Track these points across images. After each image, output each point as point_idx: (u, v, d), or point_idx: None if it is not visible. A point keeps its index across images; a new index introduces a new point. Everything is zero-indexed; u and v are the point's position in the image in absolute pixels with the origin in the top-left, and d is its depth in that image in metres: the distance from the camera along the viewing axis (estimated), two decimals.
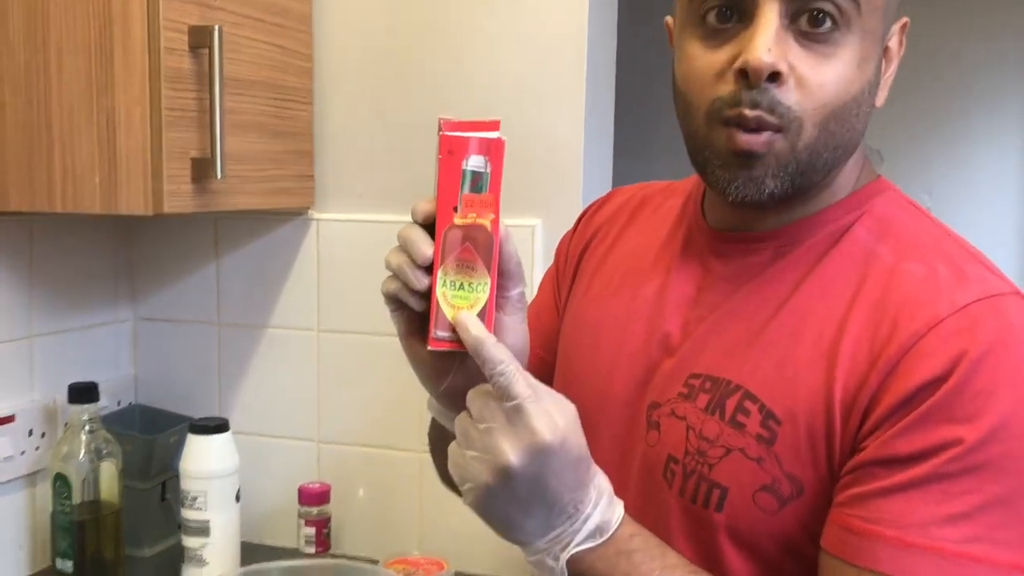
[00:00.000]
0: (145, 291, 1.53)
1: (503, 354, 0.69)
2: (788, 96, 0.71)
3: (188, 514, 1.27)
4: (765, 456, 0.73)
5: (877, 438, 0.69)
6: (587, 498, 0.71)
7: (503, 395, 0.69)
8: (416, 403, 1.40)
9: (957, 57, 2.55)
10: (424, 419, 1.40)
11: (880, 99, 0.78)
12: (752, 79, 0.70)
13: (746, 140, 0.72)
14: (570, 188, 1.32)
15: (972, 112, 2.57)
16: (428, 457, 0.98)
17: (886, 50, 0.77)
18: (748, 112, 0.71)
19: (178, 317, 1.52)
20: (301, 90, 1.36)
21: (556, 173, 1.32)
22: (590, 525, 0.71)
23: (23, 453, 1.31)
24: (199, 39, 1.11)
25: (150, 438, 1.39)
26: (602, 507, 0.72)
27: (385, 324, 1.42)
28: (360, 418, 1.44)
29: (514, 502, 0.70)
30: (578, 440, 0.71)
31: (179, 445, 1.36)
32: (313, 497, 1.38)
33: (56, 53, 1.10)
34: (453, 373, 0.79)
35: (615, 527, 0.72)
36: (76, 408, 1.27)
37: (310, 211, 1.44)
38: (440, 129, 0.72)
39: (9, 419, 1.28)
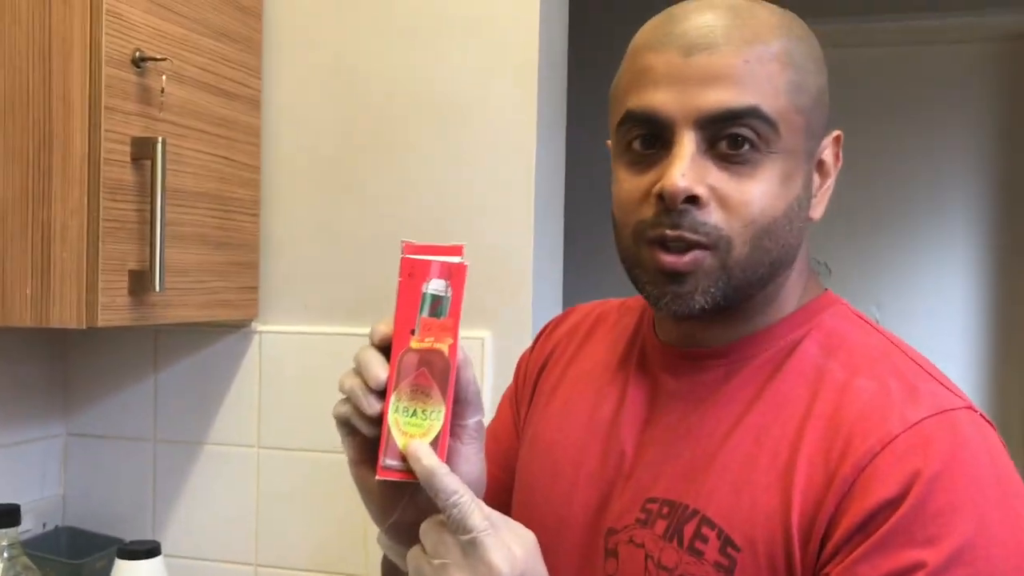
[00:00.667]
0: (78, 405, 1.47)
1: (456, 485, 0.67)
2: (711, 216, 0.73)
3: None
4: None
5: (838, 563, 0.68)
6: None
7: (458, 528, 0.67)
8: (362, 525, 1.35)
9: (900, 173, 2.63)
10: (371, 543, 1.35)
11: (817, 212, 0.79)
12: (668, 203, 0.73)
13: (670, 261, 0.74)
14: (520, 301, 1.31)
15: (919, 226, 2.63)
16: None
17: (820, 164, 0.79)
18: (669, 233, 0.73)
19: (112, 433, 1.46)
20: (247, 201, 1.35)
21: (505, 286, 1.31)
22: None
23: None
24: (142, 151, 1.09)
25: (76, 563, 1.31)
26: None
27: (330, 440, 1.38)
28: (302, 540, 1.38)
29: None
30: (538, 572, 0.69)
31: (107, 571, 1.29)
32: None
33: None
34: (404, 506, 0.75)
35: None
36: None
37: (253, 323, 1.40)
38: (402, 252, 0.72)
39: None
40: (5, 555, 1.19)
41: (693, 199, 0.73)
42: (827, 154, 0.79)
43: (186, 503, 1.42)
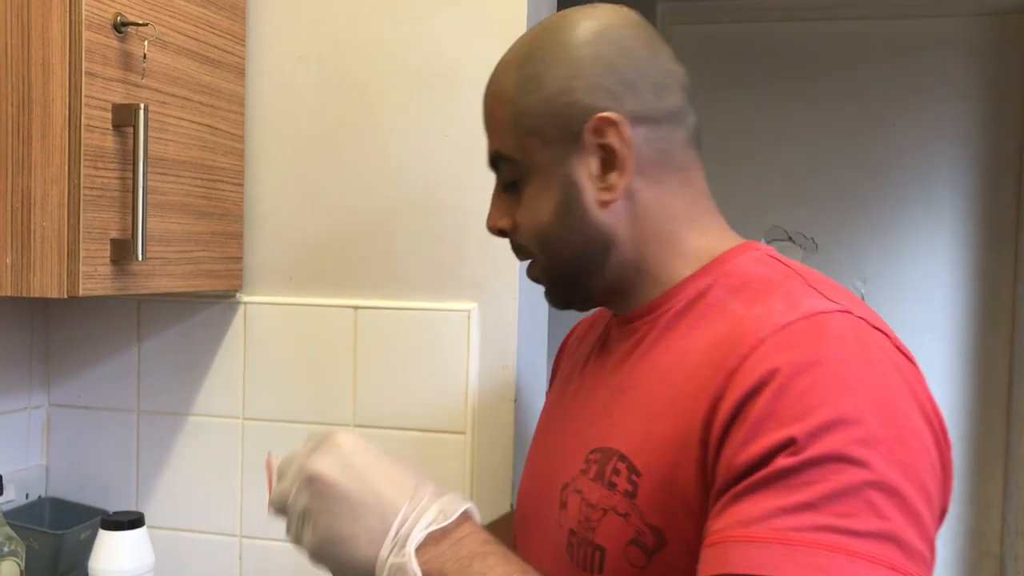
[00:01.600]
0: (60, 376, 1.46)
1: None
2: (520, 238, 0.90)
3: None
4: (630, 510, 0.77)
5: (720, 466, 0.70)
6: (423, 495, 0.74)
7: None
8: None
9: (887, 148, 2.63)
10: None
11: (610, 195, 0.84)
12: (493, 234, 0.92)
13: (528, 270, 0.92)
14: (506, 272, 1.30)
15: (905, 201, 2.63)
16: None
17: (604, 149, 0.83)
18: (513, 251, 0.93)
19: (95, 404, 1.45)
20: (231, 171, 1.33)
21: (492, 257, 1.30)
22: (429, 514, 0.73)
23: None
24: (123, 118, 1.07)
25: (59, 534, 1.31)
26: (442, 499, 0.75)
27: (313, 412, 1.38)
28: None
29: (338, 512, 0.73)
30: (395, 459, 0.78)
31: (91, 542, 1.28)
32: None
33: None
34: None
35: (456, 515, 0.74)
36: None
37: (238, 294, 1.39)
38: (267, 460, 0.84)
39: None
40: None
41: (502, 231, 0.91)
42: (599, 139, 0.83)
43: (170, 474, 1.42)
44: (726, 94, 2.69)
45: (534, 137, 0.84)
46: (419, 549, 0.72)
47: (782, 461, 0.66)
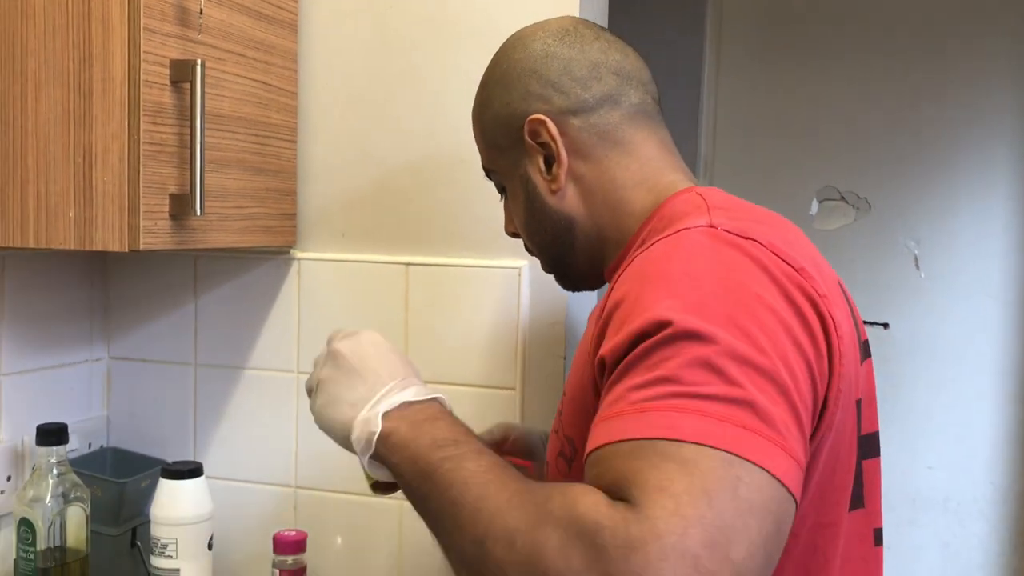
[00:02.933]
0: (120, 330, 1.50)
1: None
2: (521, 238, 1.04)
3: (158, 563, 1.22)
4: (559, 427, 0.91)
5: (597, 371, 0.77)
6: (408, 380, 0.87)
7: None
8: None
9: (941, 108, 2.57)
10: None
11: (556, 184, 0.95)
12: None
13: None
14: None
15: (959, 162, 2.58)
16: (408, 505, 0.97)
17: (542, 146, 0.94)
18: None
19: (153, 357, 1.48)
20: (284, 127, 1.34)
21: None
22: (407, 392, 0.84)
23: None
24: (180, 73, 1.09)
25: (120, 482, 1.34)
26: (420, 387, 0.86)
27: None
28: (339, 464, 1.39)
29: (341, 380, 0.87)
30: (405, 357, 0.91)
31: (151, 490, 1.32)
32: (288, 545, 1.33)
33: (33, 84, 1.07)
34: None
35: (428, 397, 0.84)
36: (44, 450, 1.22)
37: (292, 250, 1.41)
38: None
39: None
40: (54, 472, 1.22)
41: (514, 234, 1.04)
42: (535, 139, 0.94)
43: (227, 426, 1.45)
44: (781, 58, 2.64)
45: (495, 149, 1.00)
46: (387, 413, 0.83)
47: (637, 349, 0.70)
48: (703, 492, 0.63)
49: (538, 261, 1.05)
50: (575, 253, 0.98)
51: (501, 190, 1.04)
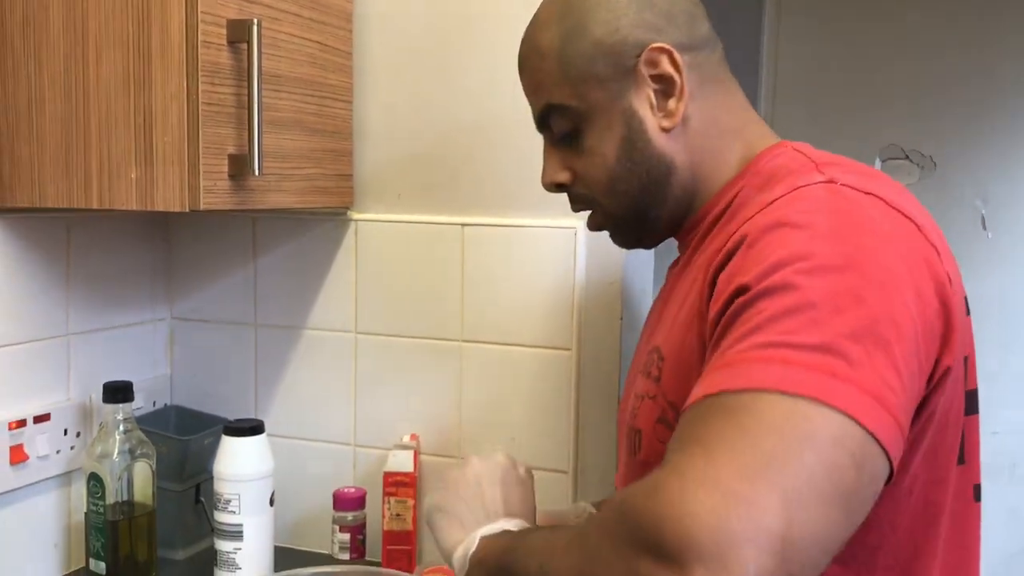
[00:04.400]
0: (181, 290, 1.52)
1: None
2: (578, 187, 0.94)
3: (221, 517, 1.25)
4: (657, 393, 0.84)
5: (707, 329, 0.75)
6: (498, 517, 0.91)
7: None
8: (455, 408, 1.37)
9: (1012, 63, 2.47)
10: (465, 426, 1.38)
11: (671, 121, 0.88)
12: (550, 192, 0.98)
13: (587, 222, 0.99)
14: None
15: None
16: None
17: (659, 79, 0.87)
18: (572, 206, 0.98)
19: (214, 317, 1.50)
20: (340, 87, 1.34)
21: None
22: (495, 527, 0.89)
23: (58, 452, 1.30)
24: (237, 33, 1.09)
25: (185, 439, 1.38)
26: (511, 524, 0.89)
27: (423, 327, 1.41)
28: (397, 422, 1.41)
29: (448, 517, 0.93)
30: (490, 487, 0.94)
31: (213, 447, 1.35)
32: (349, 502, 1.36)
33: (95, 46, 1.09)
34: None
35: (473, 548, 0.87)
36: (111, 408, 1.26)
37: (349, 211, 1.41)
38: None
39: (45, 417, 1.27)
40: (121, 428, 1.25)
41: (560, 185, 0.95)
42: (653, 69, 0.87)
43: (287, 385, 1.47)
44: (842, 13, 2.57)
45: (589, 81, 0.89)
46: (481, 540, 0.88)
47: (737, 302, 0.70)
48: (740, 431, 0.61)
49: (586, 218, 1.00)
50: (664, 204, 0.91)
51: (566, 136, 0.93)
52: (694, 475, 0.60)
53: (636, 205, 0.92)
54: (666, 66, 0.87)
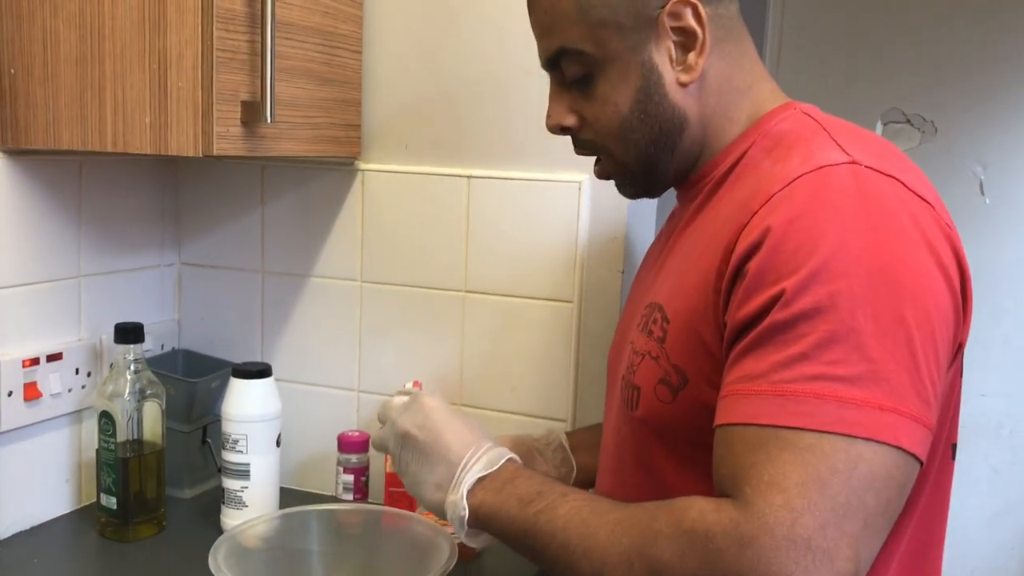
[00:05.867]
0: (189, 236, 1.54)
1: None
2: (585, 133, 0.93)
3: (229, 457, 1.29)
4: (660, 354, 0.85)
5: (727, 316, 0.77)
6: (479, 448, 0.90)
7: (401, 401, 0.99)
8: (457, 357, 1.40)
9: (1017, 31, 2.48)
10: (466, 372, 1.41)
11: (689, 76, 0.87)
12: (553, 134, 0.95)
13: (594, 169, 0.97)
14: None
15: None
16: (465, 412, 1.04)
17: (681, 32, 0.86)
18: (575, 149, 0.96)
19: (222, 263, 1.53)
20: (350, 37, 1.35)
21: None
22: (480, 463, 0.88)
23: (70, 390, 1.33)
24: None
25: (193, 381, 1.41)
26: (491, 452, 0.89)
27: (427, 277, 1.43)
28: (400, 369, 1.44)
29: (418, 460, 0.92)
30: (465, 418, 0.95)
31: (220, 391, 1.38)
32: (352, 445, 1.39)
33: None
34: None
35: (501, 462, 0.88)
36: (122, 348, 1.28)
37: (356, 161, 1.43)
38: None
39: (57, 356, 1.30)
40: (132, 369, 1.28)
41: (565, 128, 0.93)
42: (676, 21, 0.86)
43: (293, 332, 1.50)
44: None
45: (608, 28, 0.86)
46: (471, 490, 0.88)
47: (776, 315, 0.72)
48: (815, 481, 0.67)
49: (592, 170, 0.99)
50: (673, 157, 0.91)
51: (577, 80, 0.91)
52: (783, 532, 0.66)
53: (646, 156, 0.91)
54: (689, 19, 0.86)
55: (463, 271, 1.39)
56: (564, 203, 1.33)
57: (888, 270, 0.72)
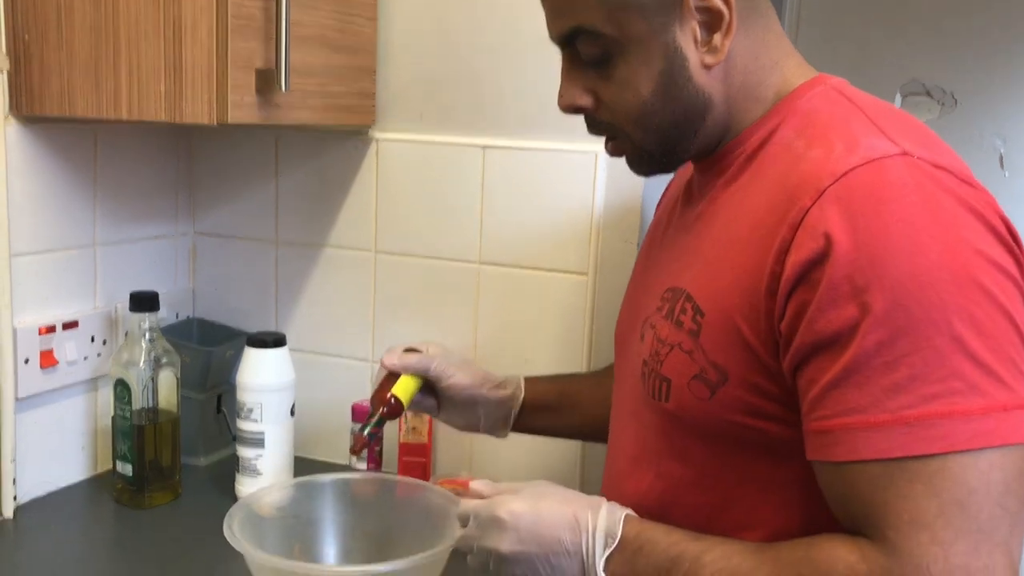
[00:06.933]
0: (203, 206, 1.54)
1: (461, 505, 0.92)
2: (602, 115, 0.88)
3: (244, 425, 1.29)
4: (694, 348, 0.82)
5: (796, 322, 0.73)
6: (587, 524, 0.84)
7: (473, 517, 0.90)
8: (471, 328, 1.40)
9: None
10: (481, 350, 1.41)
11: (715, 58, 0.83)
12: (567, 113, 0.90)
13: (605, 146, 0.91)
14: None
15: None
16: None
17: (706, 11, 0.82)
18: (589, 129, 0.91)
19: (236, 233, 1.53)
20: (365, 5, 1.34)
21: None
22: (599, 537, 0.83)
23: (86, 358, 1.34)
24: None
25: (208, 350, 1.41)
26: (599, 522, 0.84)
27: (441, 248, 1.42)
28: (414, 340, 1.44)
29: (535, 565, 0.85)
30: (549, 500, 0.86)
31: (235, 360, 1.38)
32: (366, 415, 1.39)
33: None
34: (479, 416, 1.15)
35: (620, 528, 0.83)
36: (137, 316, 1.29)
37: (371, 130, 1.42)
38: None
39: (73, 324, 1.31)
40: (147, 337, 1.29)
41: (578, 108, 0.88)
42: (701, 1, 0.81)
43: (307, 302, 1.50)
44: None
45: (629, 9, 0.82)
46: (606, 570, 0.83)
47: (868, 337, 0.69)
48: (955, 506, 0.67)
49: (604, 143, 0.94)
50: (694, 138, 0.87)
51: (595, 61, 0.85)
52: (939, 568, 0.67)
53: (665, 140, 0.87)
54: (716, 0, 0.82)
55: (478, 242, 1.39)
56: (580, 174, 1.32)
57: (969, 267, 0.70)
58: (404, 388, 1.10)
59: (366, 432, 1.06)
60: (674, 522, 0.84)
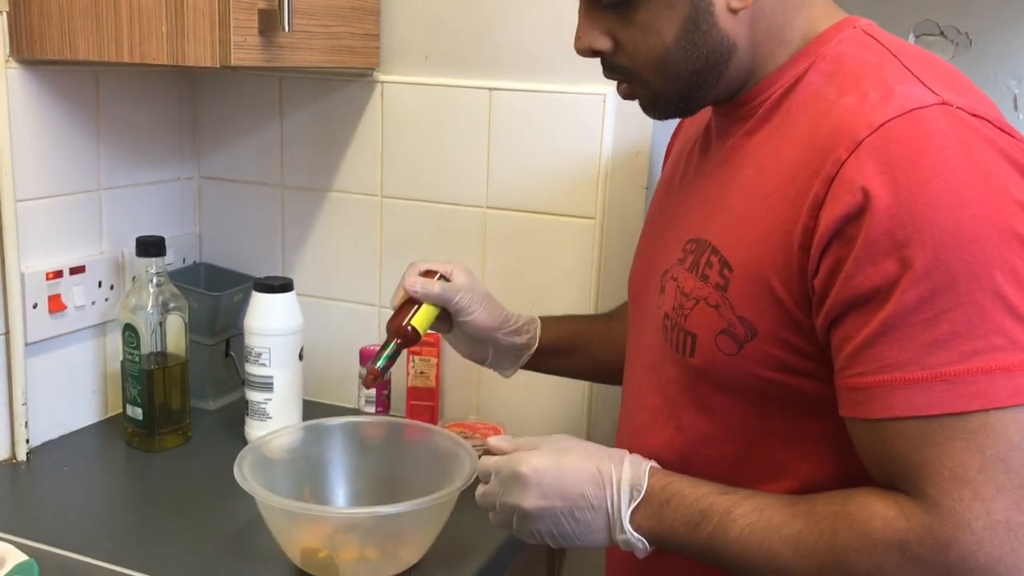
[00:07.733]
0: (208, 149, 1.53)
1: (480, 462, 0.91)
2: (620, 59, 0.84)
3: (252, 369, 1.30)
4: (721, 303, 0.81)
5: (831, 278, 0.72)
6: (611, 476, 0.83)
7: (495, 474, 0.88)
8: (478, 273, 1.40)
9: None
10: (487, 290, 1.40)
11: (742, 2, 0.80)
12: (583, 57, 0.86)
13: (618, 89, 0.88)
14: None
15: None
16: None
17: None
18: (605, 73, 0.88)
19: (241, 177, 1.52)
20: None
21: None
22: (624, 490, 0.83)
23: (93, 303, 1.34)
24: None
25: (215, 295, 1.41)
26: (623, 473, 0.83)
27: (448, 192, 1.42)
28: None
29: (562, 521, 0.84)
30: (571, 455, 0.85)
31: (242, 304, 1.38)
32: (375, 354, 1.40)
33: None
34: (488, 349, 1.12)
35: (646, 480, 0.82)
36: (144, 261, 1.29)
37: (375, 73, 1.40)
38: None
39: (80, 269, 1.31)
40: (154, 282, 1.29)
41: (596, 52, 0.85)
42: None
43: (313, 246, 1.50)
44: None
45: None
46: (633, 522, 0.82)
47: (911, 293, 0.68)
48: (996, 462, 0.67)
49: (615, 86, 0.91)
50: (718, 85, 0.84)
51: (618, 1, 0.82)
52: (981, 524, 0.67)
53: (686, 86, 0.84)
54: None
55: (484, 186, 1.38)
56: (588, 116, 1.31)
57: (1012, 221, 0.69)
58: (422, 318, 1.04)
59: (379, 365, 1.02)
60: (695, 474, 0.83)
